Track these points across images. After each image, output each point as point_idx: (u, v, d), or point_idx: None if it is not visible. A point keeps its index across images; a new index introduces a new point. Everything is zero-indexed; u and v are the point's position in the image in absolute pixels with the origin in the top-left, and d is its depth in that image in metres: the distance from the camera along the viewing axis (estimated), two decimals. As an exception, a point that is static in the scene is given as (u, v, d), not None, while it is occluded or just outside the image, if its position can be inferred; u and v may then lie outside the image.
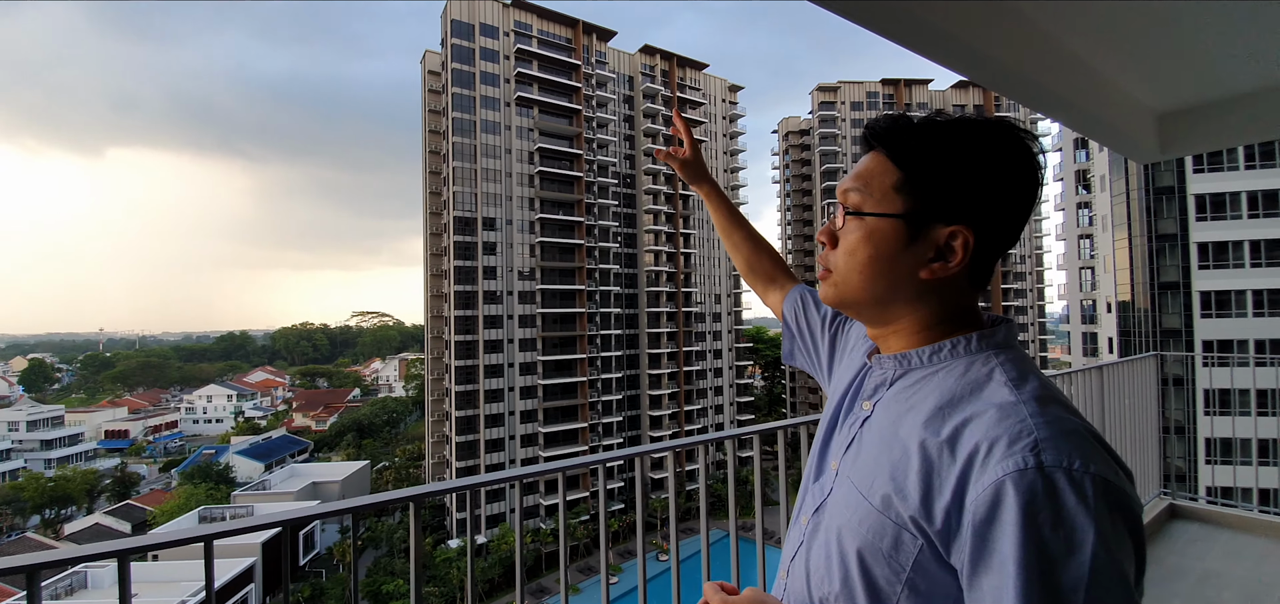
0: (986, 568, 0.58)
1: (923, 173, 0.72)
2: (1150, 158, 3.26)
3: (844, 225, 0.77)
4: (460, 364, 42.91)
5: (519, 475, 1.32)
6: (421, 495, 1.16)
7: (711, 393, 56.39)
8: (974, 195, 0.70)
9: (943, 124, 0.72)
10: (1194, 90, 2.86)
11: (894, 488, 0.67)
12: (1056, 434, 0.60)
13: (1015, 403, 0.64)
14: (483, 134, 44.48)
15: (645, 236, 53.55)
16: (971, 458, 0.62)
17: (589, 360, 47.14)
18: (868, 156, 0.78)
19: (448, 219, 44.71)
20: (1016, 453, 0.59)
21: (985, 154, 0.70)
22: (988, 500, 0.58)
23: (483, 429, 42.54)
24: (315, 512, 1.10)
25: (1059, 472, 0.57)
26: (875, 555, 0.67)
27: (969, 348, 0.73)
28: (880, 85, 64.38)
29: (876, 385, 0.81)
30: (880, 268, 0.74)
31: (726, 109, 63.36)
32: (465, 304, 43.58)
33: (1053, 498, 0.56)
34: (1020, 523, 0.56)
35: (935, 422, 0.67)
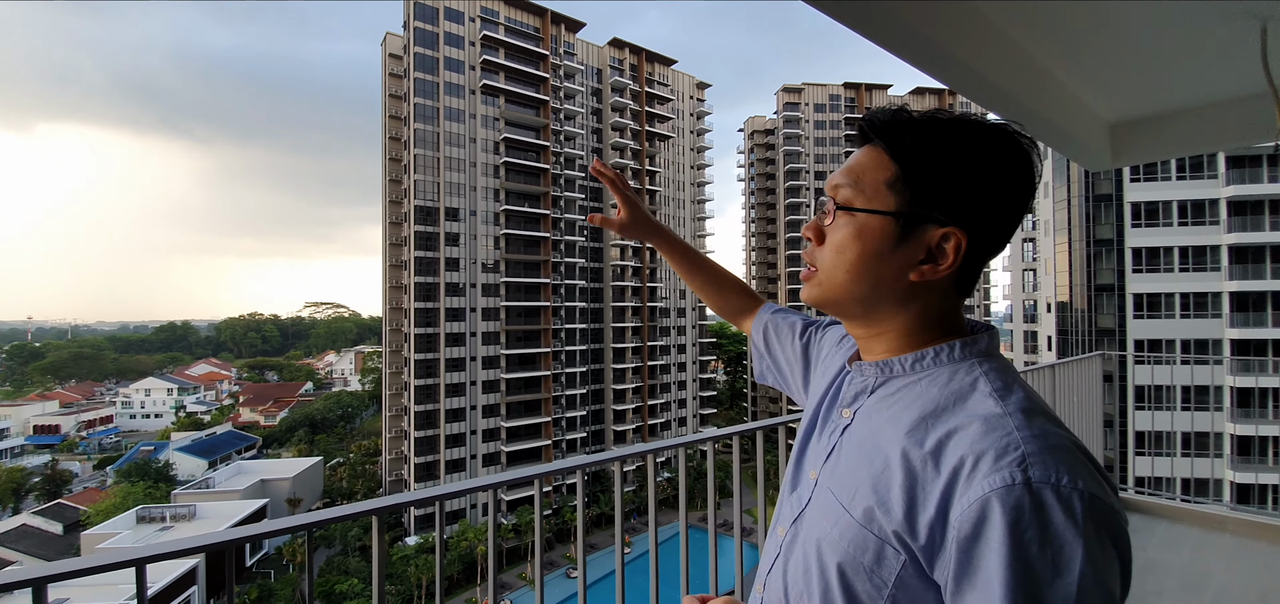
0: (970, 586, 0.57)
1: (919, 170, 0.68)
2: (1103, 166, 3.39)
3: (833, 221, 0.74)
4: (420, 358, 41.85)
5: (495, 482, 1.25)
6: (385, 509, 1.08)
7: (675, 387, 56.78)
8: (970, 198, 0.68)
9: (944, 121, 0.69)
10: (1145, 103, 3.00)
11: (877, 501, 0.65)
12: (1043, 449, 0.58)
13: (1001, 415, 0.62)
14: (446, 122, 43.35)
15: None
16: (956, 472, 0.60)
17: (553, 355, 46.73)
18: (862, 151, 0.74)
19: (408, 208, 43.45)
20: (1003, 468, 0.57)
21: (984, 156, 0.67)
22: (973, 517, 0.57)
23: (443, 424, 41.64)
24: (263, 532, 1.00)
25: (1047, 488, 0.55)
26: (856, 570, 0.65)
27: (952, 356, 0.71)
28: (842, 88, 65.89)
29: (857, 393, 0.78)
30: (867, 267, 0.71)
31: (694, 106, 63.68)
32: (426, 296, 42.50)
33: (1040, 515, 0.55)
34: (1006, 541, 0.54)
35: (918, 432, 0.65)
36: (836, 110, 65.25)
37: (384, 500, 1.07)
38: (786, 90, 65.50)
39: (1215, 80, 2.43)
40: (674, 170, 60.54)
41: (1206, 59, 2.31)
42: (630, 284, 53.46)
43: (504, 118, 46.06)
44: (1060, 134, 2.97)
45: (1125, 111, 3.17)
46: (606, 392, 51.73)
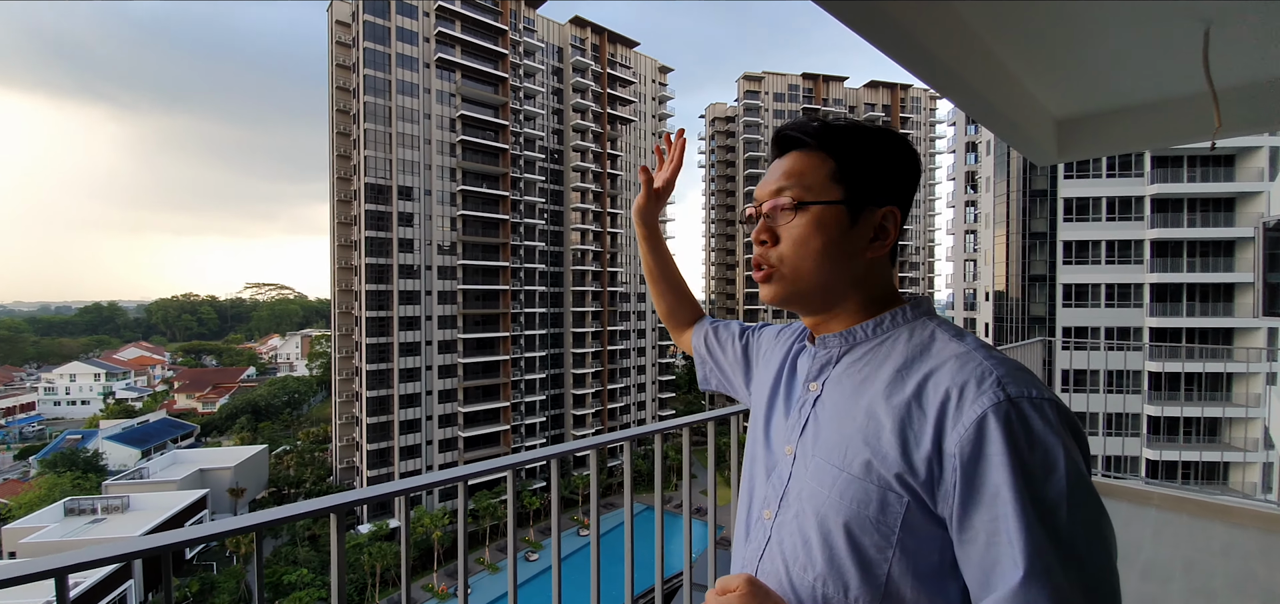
0: (977, 504, 0.63)
1: (854, 161, 0.80)
2: (1049, 161, 3.54)
3: (792, 219, 0.81)
4: (372, 342, 40.44)
5: (465, 474, 1.19)
6: (343, 505, 1.00)
7: (635, 372, 57.01)
8: (892, 179, 0.80)
9: (857, 123, 0.82)
10: (1091, 100, 3.13)
11: (872, 452, 0.70)
12: (1010, 371, 0.67)
13: (967, 352, 0.71)
14: (399, 96, 41.51)
15: (572, 214, 52.74)
16: (944, 405, 0.67)
17: (513, 340, 46.02)
18: (791, 157, 0.83)
19: (358, 186, 41.57)
20: (987, 390, 0.65)
21: (891, 146, 0.81)
22: (971, 437, 0.64)
23: (397, 411, 40.48)
24: (208, 534, 0.91)
25: (1024, 401, 0.64)
26: (862, 524, 0.70)
27: (907, 317, 0.81)
28: (801, 79, 66.92)
29: (822, 365, 0.84)
30: (831, 252, 0.79)
31: (656, 90, 63.37)
32: (378, 278, 40.98)
33: (1024, 423, 0.63)
34: (1005, 450, 0.62)
35: (896, 384, 0.72)
36: (795, 100, 66.27)
37: (344, 497, 0.99)
38: (747, 78, 66.02)
39: (1159, 80, 2.55)
40: (636, 155, 60.23)
41: (1151, 58, 2.42)
42: (591, 268, 53.10)
43: (460, 94, 44.50)
44: (1011, 127, 3.07)
45: (1072, 108, 3.31)
46: (566, 377, 51.45)
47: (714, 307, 69.85)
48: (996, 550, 0.61)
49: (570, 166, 52.88)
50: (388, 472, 40.71)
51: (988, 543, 0.62)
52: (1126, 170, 34.07)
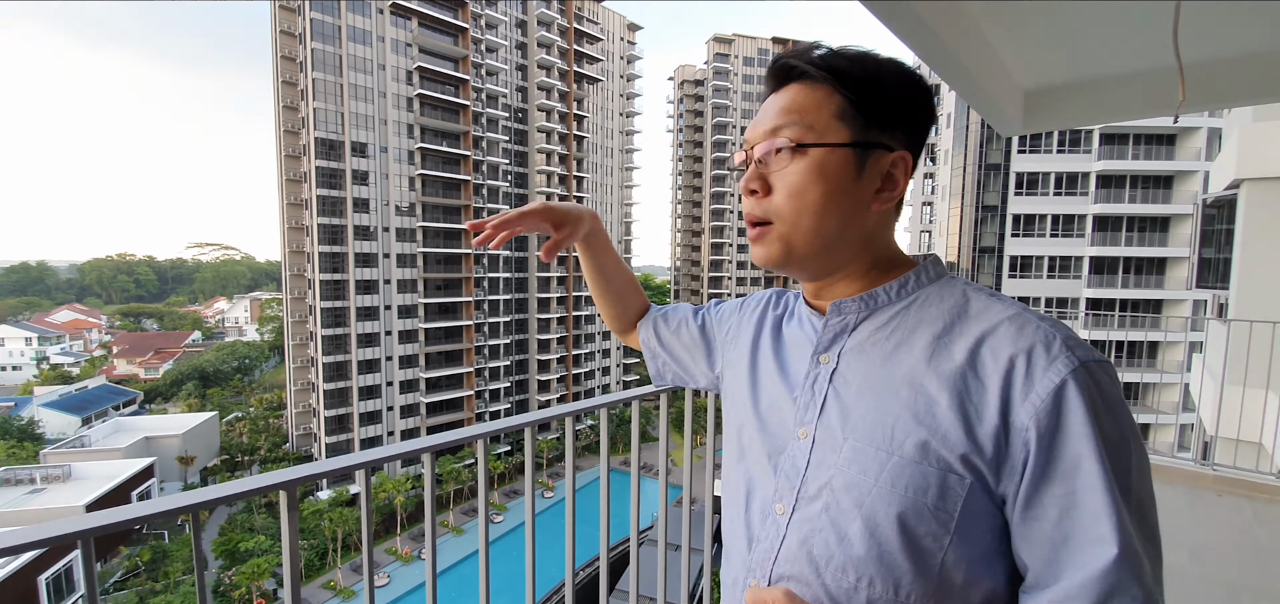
0: (1052, 478, 0.58)
1: (866, 97, 0.68)
2: (1015, 131, 3.57)
3: (789, 164, 0.69)
4: (327, 306, 39.04)
5: (431, 445, 1.11)
6: (294, 482, 0.91)
7: (600, 337, 57.12)
8: (908, 119, 0.69)
9: (869, 52, 0.69)
10: (1059, 70, 3.16)
11: (928, 431, 0.62)
12: (1069, 334, 0.61)
13: (1020, 313, 0.63)
14: (350, 43, 39.13)
15: (537, 177, 51.61)
16: (1010, 373, 0.60)
17: (476, 304, 45.22)
18: (790, 90, 0.71)
19: (308, 140, 39.36)
20: (1059, 356, 0.59)
21: (907, 79, 0.69)
22: (1049, 408, 0.58)
23: (355, 376, 39.47)
24: (151, 512, 0.81)
25: (1094, 365, 0.59)
26: (919, 513, 0.61)
27: (931, 276, 0.72)
28: (771, 42, 66.54)
29: (836, 334, 0.73)
30: (833, 205, 0.68)
31: (624, 48, 61.95)
32: (332, 239, 39.32)
33: (1100, 390, 0.58)
34: (1088, 420, 0.57)
35: (941, 352, 0.64)
36: (764, 64, 65.91)
37: (298, 471, 0.90)
38: (717, 40, 65.22)
39: (1127, 52, 2.58)
40: (602, 116, 59.08)
41: (1121, 30, 2.45)
42: (556, 232, 52.32)
43: (418, 45, 42.34)
44: (981, 93, 3.07)
45: (1040, 78, 3.34)
46: (530, 342, 51.12)
47: (680, 276, 70.20)
48: (1072, 525, 0.57)
49: (535, 126, 51.48)
50: (347, 439, 39.89)
51: (1060, 518, 0.57)
52: (1075, 146, 35.51)
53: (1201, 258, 6.86)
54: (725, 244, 65.90)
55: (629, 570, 1.53)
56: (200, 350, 64.28)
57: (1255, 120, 5.96)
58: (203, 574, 0.90)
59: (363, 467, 1.03)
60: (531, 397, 51.09)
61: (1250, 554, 2.92)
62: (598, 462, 27.89)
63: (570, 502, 1.46)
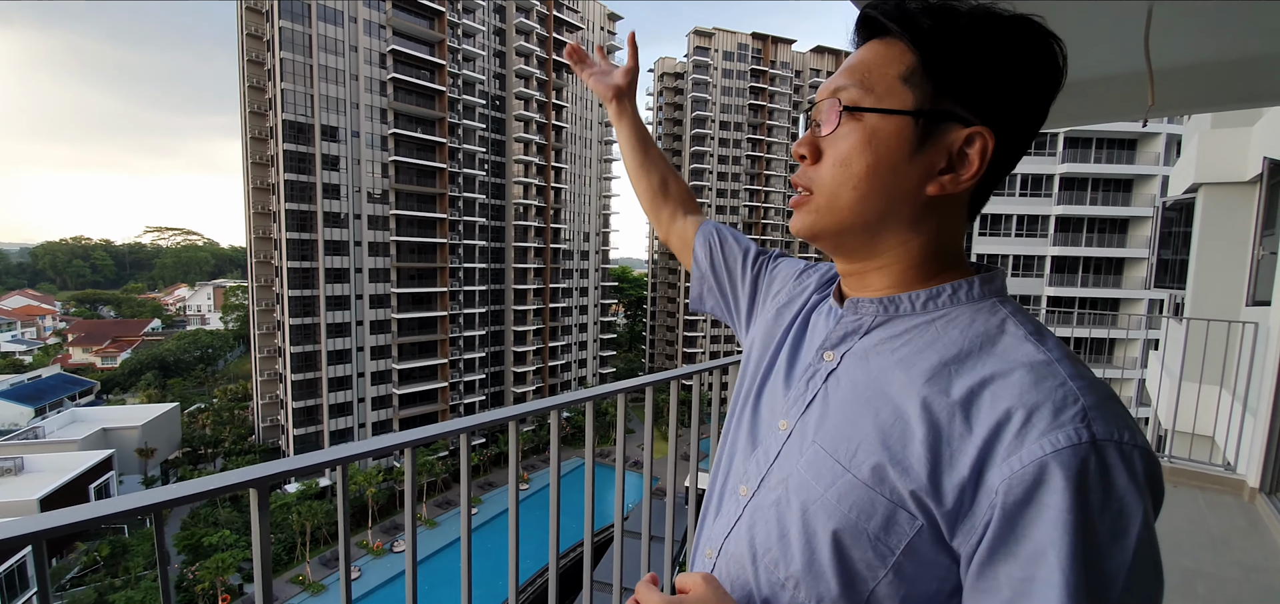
0: (1009, 556, 0.50)
1: (941, 57, 0.57)
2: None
3: (836, 129, 0.61)
4: (296, 295, 38.00)
5: (411, 440, 1.08)
6: (265, 479, 0.87)
7: (577, 330, 56.91)
8: (997, 90, 0.57)
9: (968, 7, 0.58)
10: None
11: (889, 458, 0.56)
12: (1101, 400, 0.51)
13: (1048, 361, 0.54)
14: (320, 23, 37.93)
15: (515, 167, 50.98)
16: (1000, 427, 0.52)
17: (451, 295, 44.54)
18: (865, 47, 0.63)
19: (275, 123, 38.08)
20: (1066, 424, 0.50)
21: (1010, 42, 0.56)
22: (1028, 480, 0.49)
23: (325, 367, 38.57)
24: (109, 512, 0.76)
25: (1111, 447, 0.49)
26: (856, 536, 0.57)
27: (971, 294, 0.62)
28: (751, 38, 66.80)
29: (847, 332, 0.67)
30: (881, 179, 0.60)
31: (604, 38, 61.44)
32: (301, 226, 38.22)
33: (1105, 477, 0.49)
34: (1071, 507, 0.48)
35: (940, 381, 0.56)
36: (744, 60, 66.23)
37: (268, 468, 0.86)
38: (698, 33, 65.18)
39: (1099, 57, 2.65)
40: (582, 106, 58.62)
41: (1092, 35, 2.51)
42: (533, 224, 51.88)
43: (392, 26, 41.27)
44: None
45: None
46: (506, 333, 50.64)
47: (658, 269, 70.34)
48: None
49: (512, 115, 50.79)
50: (316, 431, 39.01)
51: (1011, 599, 0.50)
52: (1041, 149, 36.60)
53: (1159, 259, 7.15)
54: (703, 238, 66.20)
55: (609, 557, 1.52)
56: (160, 339, 62.03)
57: (1214, 127, 6.21)
58: (166, 573, 0.86)
59: (340, 463, 0.99)
60: (507, 389, 50.67)
61: (1203, 542, 3.05)
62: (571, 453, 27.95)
63: (555, 493, 1.44)
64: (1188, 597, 2.58)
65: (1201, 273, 6.13)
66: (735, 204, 66.74)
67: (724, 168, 66.07)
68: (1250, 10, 2.29)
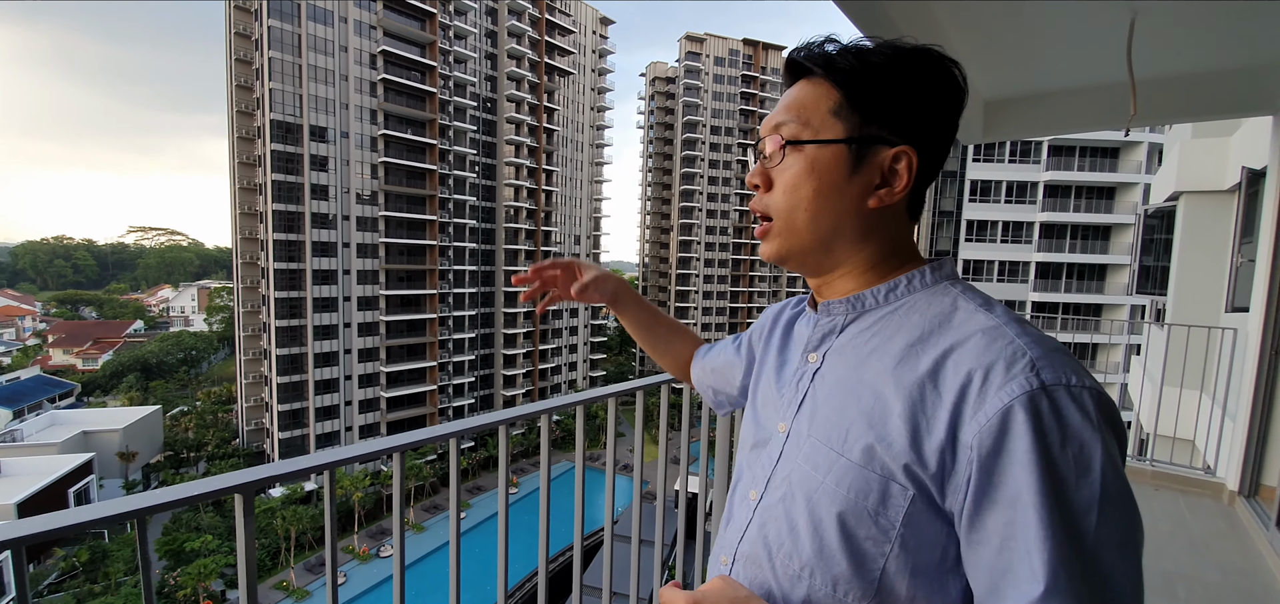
0: (992, 504, 0.56)
1: (863, 92, 0.67)
2: (974, 139, 3.71)
3: (782, 161, 0.71)
4: (282, 296, 37.54)
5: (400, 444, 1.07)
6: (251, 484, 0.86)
7: (567, 332, 56.75)
8: (914, 114, 0.67)
9: (878, 46, 0.68)
10: (1018, 83, 3.29)
11: (876, 436, 0.62)
12: (1047, 352, 0.57)
13: (997, 325, 0.61)
14: (309, 22, 37.59)
15: (505, 168, 50.80)
16: (965, 389, 0.58)
17: (440, 297, 44.22)
18: (797, 87, 0.72)
19: (262, 122, 37.63)
20: (1017, 375, 0.56)
21: (919, 73, 0.67)
22: (994, 430, 0.55)
23: (311, 369, 38.10)
24: (91, 518, 0.75)
25: (1061, 389, 0.55)
26: (859, 516, 0.62)
27: (924, 281, 0.70)
28: (742, 44, 67.20)
29: (825, 334, 0.74)
30: (827, 201, 0.69)
31: (596, 42, 61.55)
32: (288, 227, 37.77)
33: (1059, 418, 0.54)
34: (1033, 448, 0.53)
35: (909, 360, 0.63)
36: (735, 66, 66.60)
37: (254, 472, 0.84)
38: (690, 38, 65.44)
39: (1083, 67, 2.70)
40: (573, 110, 58.60)
41: (1078, 45, 2.55)
42: (524, 226, 51.71)
43: (382, 27, 41.00)
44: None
45: (1000, 90, 3.47)
46: (496, 336, 50.38)
47: (648, 272, 70.40)
48: (1010, 556, 0.54)
49: (504, 117, 50.64)
50: (302, 434, 38.53)
51: (1001, 547, 0.55)
52: (1026, 157, 37.13)
53: (1141, 265, 7.27)
54: (693, 242, 66.34)
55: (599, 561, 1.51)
56: (143, 341, 61.01)
57: (1195, 137, 6.33)
58: (149, 579, 0.84)
59: (327, 468, 0.98)
60: (497, 393, 50.38)
61: (1183, 545, 3.10)
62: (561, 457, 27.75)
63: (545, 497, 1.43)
64: (1168, 598, 2.62)
65: (1182, 279, 6.24)
66: (726, 209, 66.99)
67: (715, 172, 66.31)
68: (1229, 24, 2.35)
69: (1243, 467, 3.36)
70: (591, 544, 23.72)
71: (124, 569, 26.22)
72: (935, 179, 0.73)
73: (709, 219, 66.38)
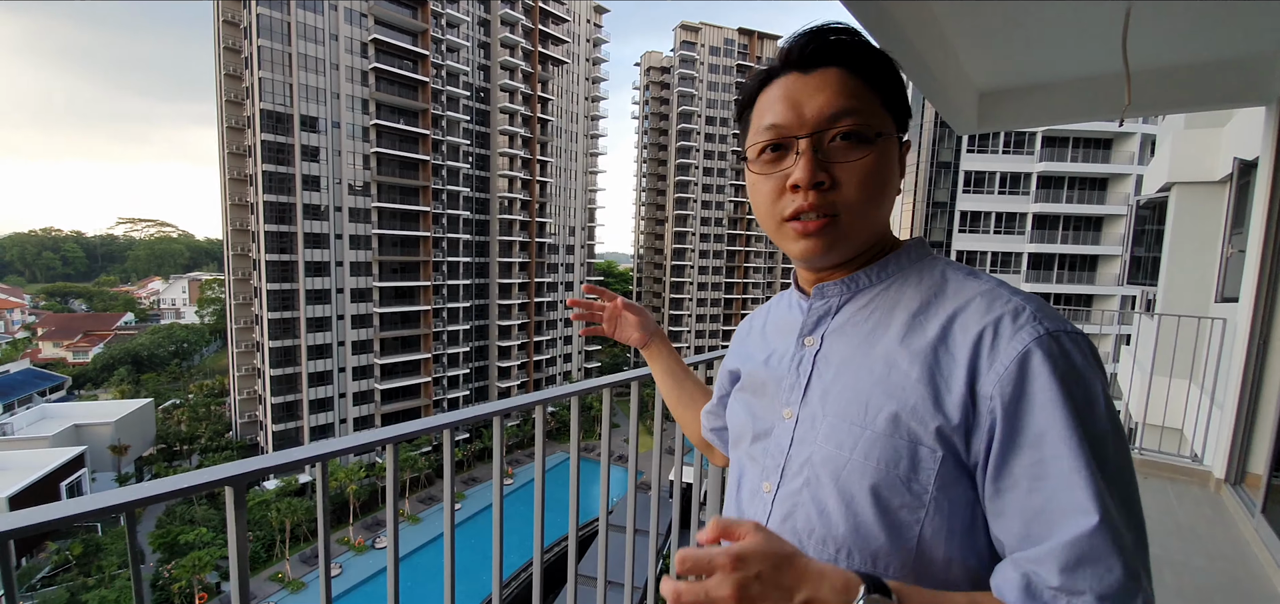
0: (1019, 447, 0.58)
1: (892, 86, 0.70)
2: (969, 129, 3.71)
3: (852, 156, 0.67)
4: (274, 288, 37.28)
5: (395, 435, 1.06)
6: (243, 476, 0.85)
7: (562, 324, 56.69)
8: (905, 106, 0.72)
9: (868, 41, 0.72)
10: (1012, 74, 3.28)
11: (898, 404, 0.63)
12: (1040, 305, 0.62)
13: (992, 288, 0.65)
14: (299, 10, 37.07)
15: (499, 159, 50.49)
16: (977, 345, 0.61)
17: (434, 289, 44.04)
18: (835, 75, 0.68)
19: (252, 111, 37.17)
20: (1025, 325, 0.60)
21: (894, 66, 0.72)
22: (1014, 376, 0.58)
23: (304, 362, 37.91)
24: (81, 511, 0.74)
25: (1063, 335, 0.59)
26: (892, 486, 0.62)
27: (912, 257, 0.73)
28: (737, 33, 66.87)
29: (820, 317, 0.75)
30: (890, 196, 0.71)
31: (590, 31, 61.09)
32: (280, 218, 37.43)
33: (1067, 358, 0.58)
34: (1053, 386, 0.56)
35: (915, 330, 0.66)
36: (730, 55, 66.29)
37: (246, 465, 0.84)
38: (685, 28, 65.05)
39: (1078, 58, 2.70)
40: (567, 100, 58.23)
41: (1072, 36, 2.55)
42: (518, 217, 51.47)
43: (373, 14, 40.50)
44: (941, 92, 3.17)
45: (994, 81, 3.46)
46: (491, 328, 50.26)
47: (643, 264, 70.33)
48: (1043, 496, 0.56)
49: (497, 107, 50.26)
50: (296, 427, 38.39)
51: (1031, 488, 0.57)
52: (1020, 148, 37.23)
53: (1133, 256, 7.32)
54: (688, 233, 66.29)
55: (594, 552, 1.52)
56: (133, 333, 60.55)
57: (1187, 128, 6.36)
58: (139, 572, 0.83)
59: (320, 459, 0.97)
60: (492, 384, 50.33)
61: (1171, 532, 3.14)
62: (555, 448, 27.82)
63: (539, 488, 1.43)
64: (1155, 584, 2.65)
65: (1173, 270, 6.29)
66: (721, 199, 66.91)
67: (710, 162, 66.16)
68: (1223, 16, 2.35)
69: (1229, 455, 3.40)
70: (586, 534, 23.85)
71: (118, 562, 26.16)
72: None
73: (704, 209, 66.30)
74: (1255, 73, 2.67)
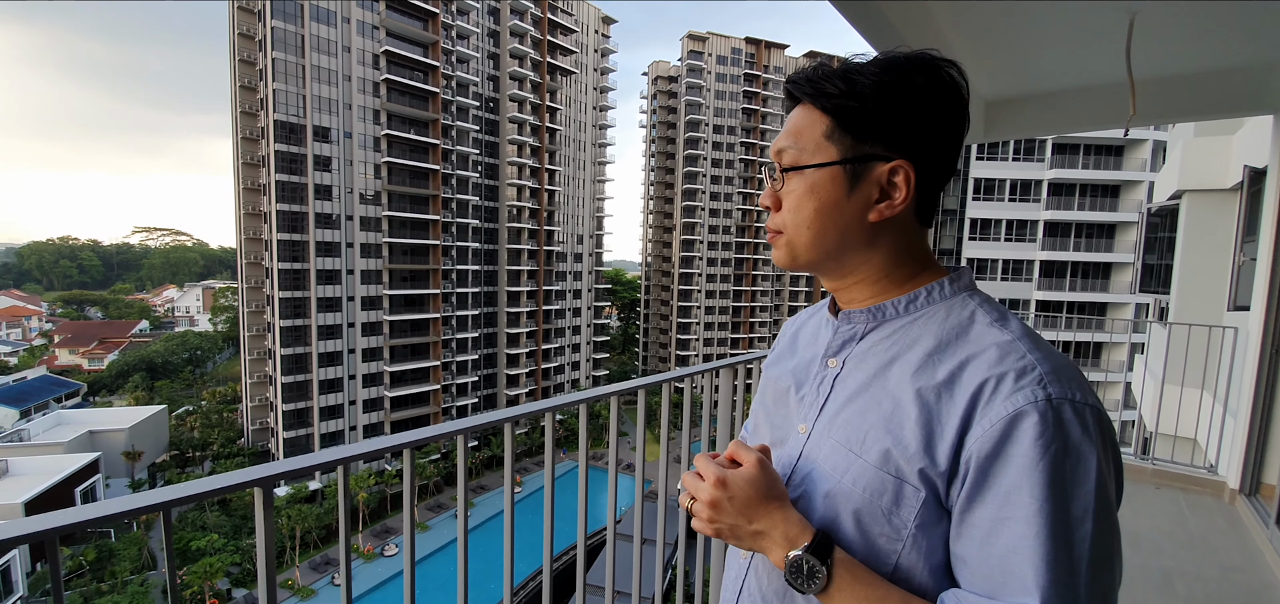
0: (982, 501, 0.60)
1: (852, 115, 0.70)
2: (977, 139, 3.73)
3: (789, 184, 0.74)
4: (286, 296, 37.68)
5: (411, 440, 1.10)
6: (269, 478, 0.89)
7: (570, 332, 56.77)
8: (907, 127, 0.69)
9: (864, 64, 0.71)
10: (1018, 83, 3.30)
11: (892, 441, 0.65)
12: (1055, 368, 0.61)
13: (1012, 341, 0.65)
14: (313, 23, 37.70)
15: (508, 168, 50.85)
16: (976, 396, 0.62)
17: (444, 297, 44.31)
18: (795, 112, 0.76)
19: (266, 123, 37.75)
20: (1026, 387, 0.60)
21: (911, 85, 0.68)
22: (996, 435, 0.59)
23: (316, 369, 38.23)
24: (119, 511, 0.78)
25: (1066, 404, 0.59)
26: (873, 515, 0.66)
27: (944, 293, 0.73)
28: (744, 42, 67.07)
29: (845, 341, 0.78)
30: (828, 219, 0.72)
31: (599, 41, 61.54)
32: (292, 227, 37.89)
33: (1061, 430, 0.58)
34: (1036, 452, 0.57)
35: (927, 368, 0.67)
36: (737, 64, 66.45)
37: (271, 468, 0.88)
38: (692, 37, 65.35)
39: (1082, 67, 2.71)
40: (576, 109, 58.61)
41: (1077, 45, 2.57)
42: (527, 226, 51.75)
43: (385, 27, 41.08)
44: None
45: (1000, 90, 3.48)
46: (500, 336, 50.44)
47: (651, 272, 70.37)
48: (997, 552, 0.58)
49: (506, 117, 50.68)
50: (307, 434, 38.67)
51: (985, 540, 0.59)
52: (1030, 155, 36.99)
53: (1145, 264, 7.26)
54: (696, 242, 66.29)
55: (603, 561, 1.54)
56: (148, 340, 61.32)
57: (1198, 135, 6.32)
58: (174, 570, 0.87)
59: (342, 463, 1.01)
60: (501, 391, 50.47)
61: (1183, 542, 3.11)
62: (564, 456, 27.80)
63: (549, 495, 1.46)
64: (1167, 596, 2.63)
65: (1185, 278, 6.23)
66: (728, 208, 66.91)
67: (717, 171, 66.21)
68: (1228, 23, 2.36)
69: (1243, 465, 3.37)
70: (594, 543, 23.77)
71: (130, 568, 26.39)
72: (946, 183, 0.75)
73: (712, 218, 66.30)
74: (1261, 80, 2.67)
